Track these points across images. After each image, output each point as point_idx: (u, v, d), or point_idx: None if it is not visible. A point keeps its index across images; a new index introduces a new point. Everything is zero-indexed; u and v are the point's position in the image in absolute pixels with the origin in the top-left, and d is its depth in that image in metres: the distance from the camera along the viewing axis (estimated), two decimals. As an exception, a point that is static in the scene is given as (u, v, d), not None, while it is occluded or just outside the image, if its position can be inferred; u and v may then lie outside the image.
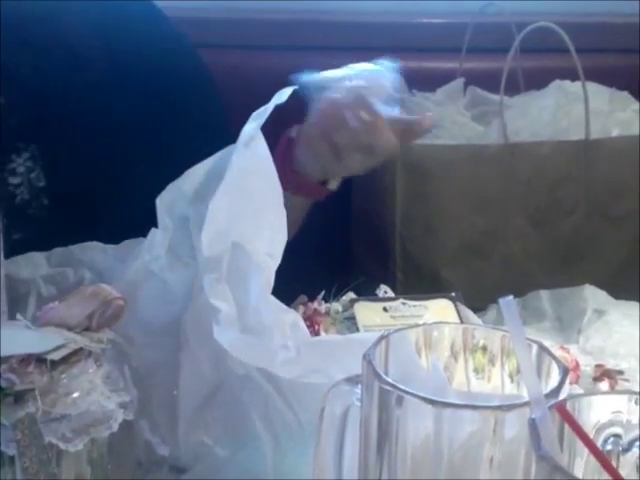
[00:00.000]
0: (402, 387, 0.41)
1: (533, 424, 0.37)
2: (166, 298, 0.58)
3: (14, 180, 0.86)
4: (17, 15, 0.85)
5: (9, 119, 0.85)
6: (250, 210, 0.58)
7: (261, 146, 0.61)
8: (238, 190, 0.58)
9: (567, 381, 0.42)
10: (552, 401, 0.40)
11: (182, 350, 0.56)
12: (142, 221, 0.60)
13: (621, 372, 0.72)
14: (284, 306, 0.56)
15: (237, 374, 0.55)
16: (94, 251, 0.67)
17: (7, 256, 0.64)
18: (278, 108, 0.61)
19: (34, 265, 0.68)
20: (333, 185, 0.90)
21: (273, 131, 0.69)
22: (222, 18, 1.25)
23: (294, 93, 0.63)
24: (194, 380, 0.56)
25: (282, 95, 0.61)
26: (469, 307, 0.78)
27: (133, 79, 0.90)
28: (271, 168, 0.60)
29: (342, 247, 1.16)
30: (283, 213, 0.59)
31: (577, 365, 0.71)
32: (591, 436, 0.42)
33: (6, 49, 0.83)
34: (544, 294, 0.89)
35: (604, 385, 0.70)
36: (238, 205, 0.57)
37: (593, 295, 0.86)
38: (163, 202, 0.59)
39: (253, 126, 0.60)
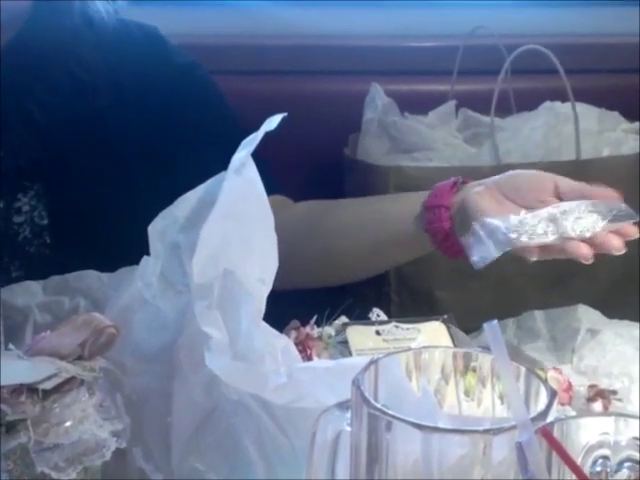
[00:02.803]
0: (391, 412, 0.42)
1: (520, 448, 0.37)
2: (159, 325, 0.58)
3: (18, 219, 0.86)
4: (22, 52, 0.84)
5: (17, 157, 0.84)
6: (241, 236, 0.58)
7: (252, 173, 0.61)
8: (230, 217, 0.58)
9: (555, 404, 0.43)
10: (540, 424, 0.40)
11: (175, 377, 0.56)
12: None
13: (614, 392, 0.72)
14: (275, 332, 0.56)
15: (230, 400, 0.55)
16: (89, 279, 0.68)
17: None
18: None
19: (30, 293, 0.69)
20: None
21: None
22: (215, 44, 1.26)
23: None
24: (187, 406, 0.56)
25: (271, 122, 0.61)
26: (463, 328, 0.78)
27: (139, 111, 0.89)
28: (262, 195, 0.61)
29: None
30: (274, 238, 0.60)
31: (570, 386, 0.71)
32: (580, 458, 0.42)
33: (12, 86, 0.82)
34: (538, 314, 0.89)
35: (598, 405, 0.70)
36: (230, 232, 0.57)
37: (587, 315, 0.86)
38: (155, 229, 0.60)
39: (243, 153, 0.61)
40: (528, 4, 1.35)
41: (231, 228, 0.58)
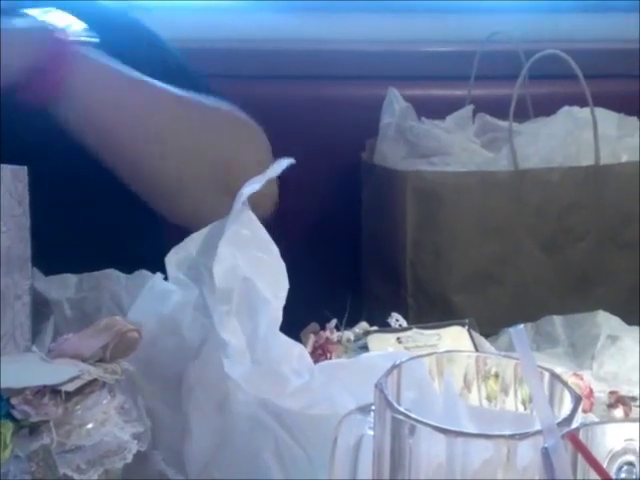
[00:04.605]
0: (414, 416, 0.41)
1: (546, 453, 0.37)
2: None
3: None
4: None
5: None
6: (251, 261, 0.58)
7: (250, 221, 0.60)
8: (239, 244, 0.57)
9: (579, 409, 0.42)
10: (564, 429, 0.39)
11: (189, 401, 0.56)
12: None
13: (635, 398, 0.72)
14: (290, 339, 0.56)
15: (243, 416, 0.54)
16: (113, 277, 0.68)
17: None
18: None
19: (65, 287, 0.69)
20: None
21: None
22: (235, 49, 1.27)
23: None
24: (201, 429, 0.56)
25: (277, 168, 0.58)
26: (481, 333, 0.78)
27: None
28: (265, 239, 0.60)
29: (353, 273, 1.16)
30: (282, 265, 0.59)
31: (591, 392, 0.70)
32: (605, 464, 0.41)
33: None
34: (557, 319, 0.89)
35: (619, 412, 0.70)
36: (241, 255, 0.57)
37: (607, 321, 0.86)
38: (171, 261, 0.60)
39: (239, 204, 0.59)
40: (546, 9, 1.34)
41: (241, 252, 0.57)
